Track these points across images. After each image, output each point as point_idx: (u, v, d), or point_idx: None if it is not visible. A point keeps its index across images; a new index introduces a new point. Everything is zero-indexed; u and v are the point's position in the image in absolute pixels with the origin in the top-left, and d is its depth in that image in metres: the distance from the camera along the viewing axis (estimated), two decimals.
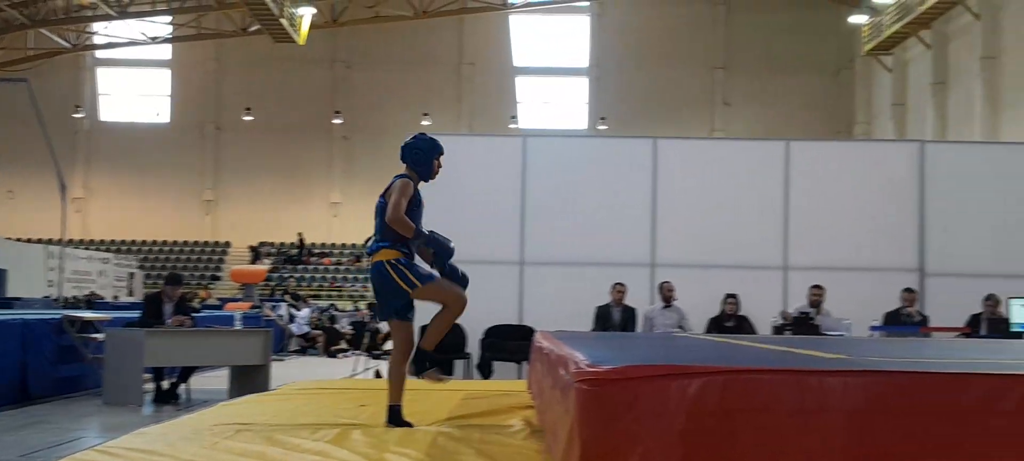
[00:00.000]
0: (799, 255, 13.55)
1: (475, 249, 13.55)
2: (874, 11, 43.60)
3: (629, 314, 13.23)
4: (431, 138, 7.07)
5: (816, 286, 12.91)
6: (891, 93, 44.02)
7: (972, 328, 12.61)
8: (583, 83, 47.06)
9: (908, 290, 12.97)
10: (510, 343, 12.99)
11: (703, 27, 47.03)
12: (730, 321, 13.06)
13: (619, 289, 13.22)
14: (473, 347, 13.33)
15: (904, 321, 12.74)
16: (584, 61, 46.72)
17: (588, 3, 46.92)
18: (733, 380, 3.64)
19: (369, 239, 7.08)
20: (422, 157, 6.94)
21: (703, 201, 13.66)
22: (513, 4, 46.61)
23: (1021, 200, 13.65)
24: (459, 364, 13.26)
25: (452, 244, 6.79)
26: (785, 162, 13.73)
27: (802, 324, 12.29)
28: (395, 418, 6.80)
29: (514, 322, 13.36)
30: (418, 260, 6.80)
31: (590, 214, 13.65)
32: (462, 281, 6.82)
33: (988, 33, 35.94)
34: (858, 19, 45.53)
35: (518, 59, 47.29)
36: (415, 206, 6.78)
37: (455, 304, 6.78)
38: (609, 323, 13.08)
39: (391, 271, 6.67)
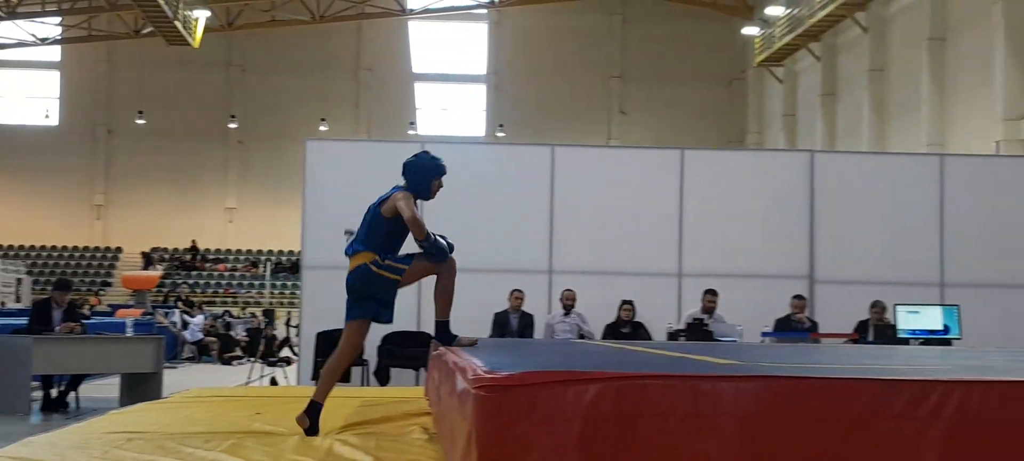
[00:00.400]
0: (693, 262, 13.75)
1: None
2: (766, 23, 44.44)
3: (527, 320, 13.28)
4: (434, 157, 6.94)
5: (710, 292, 13.11)
6: (782, 103, 44.92)
7: (860, 334, 12.91)
8: (481, 90, 47.17)
9: (798, 297, 13.23)
10: (408, 350, 12.94)
11: (600, 37, 47.47)
12: (626, 327, 13.20)
13: (517, 296, 13.27)
14: (370, 354, 13.26)
15: (794, 327, 12.99)
16: (482, 68, 46.83)
17: (486, 11, 47.04)
18: (629, 386, 3.68)
19: (348, 233, 6.98)
20: (421, 176, 6.83)
21: (600, 208, 13.79)
22: (412, 10, 46.52)
23: (907, 208, 14.02)
24: (356, 371, 13.18)
25: (452, 249, 6.85)
26: (680, 170, 13.93)
27: (696, 330, 12.46)
28: (313, 415, 6.70)
29: (412, 329, 13.32)
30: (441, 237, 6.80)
31: (488, 221, 13.68)
32: (447, 251, 6.82)
33: (875, 47, 36.87)
34: (750, 31, 46.37)
35: (417, 65, 47.22)
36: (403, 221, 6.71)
37: (445, 269, 6.83)
38: (507, 330, 13.12)
39: (376, 270, 6.66)
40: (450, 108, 47.09)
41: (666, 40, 47.10)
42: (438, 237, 6.80)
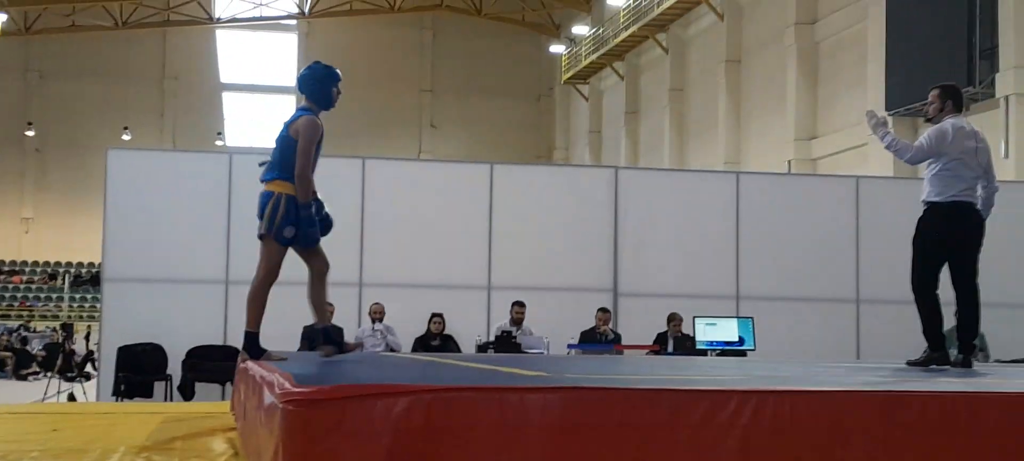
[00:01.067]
0: (502, 275, 13.90)
1: (177, 267, 13.20)
2: (572, 42, 45.29)
3: (337, 334, 13.16)
4: (326, 65, 6.97)
5: (517, 303, 13.29)
6: (588, 120, 45.83)
7: (660, 346, 13.30)
8: (292, 101, 46.55)
9: (603, 310, 13.53)
10: (214, 364, 12.68)
11: (411, 50, 47.51)
12: (436, 340, 13.25)
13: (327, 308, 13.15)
14: (174, 368, 12.94)
15: (599, 339, 13.29)
16: (292, 80, 46.23)
17: (295, 22, 46.50)
18: (438, 398, 3.71)
19: (263, 163, 6.79)
20: (319, 86, 6.84)
21: (410, 221, 13.81)
22: (218, 19, 45.60)
23: (705, 223, 14.51)
24: (159, 386, 12.84)
25: (323, 215, 6.82)
26: (489, 184, 14.08)
27: (504, 342, 12.61)
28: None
29: (218, 342, 13.06)
30: (316, 223, 6.72)
31: None
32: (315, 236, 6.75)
33: (676, 67, 38.02)
34: (557, 49, 47.17)
35: (225, 75, 46.29)
36: (317, 144, 6.68)
37: (264, 275, 6.79)
38: (316, 343, 12.97)
39: (272, 205, 6.53)
40: (260, 119, 46.32)
41: (476, 55, 47.49)
42: (317, 212, 6.71)
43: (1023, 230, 14.53)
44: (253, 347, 6.78)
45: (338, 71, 7.05)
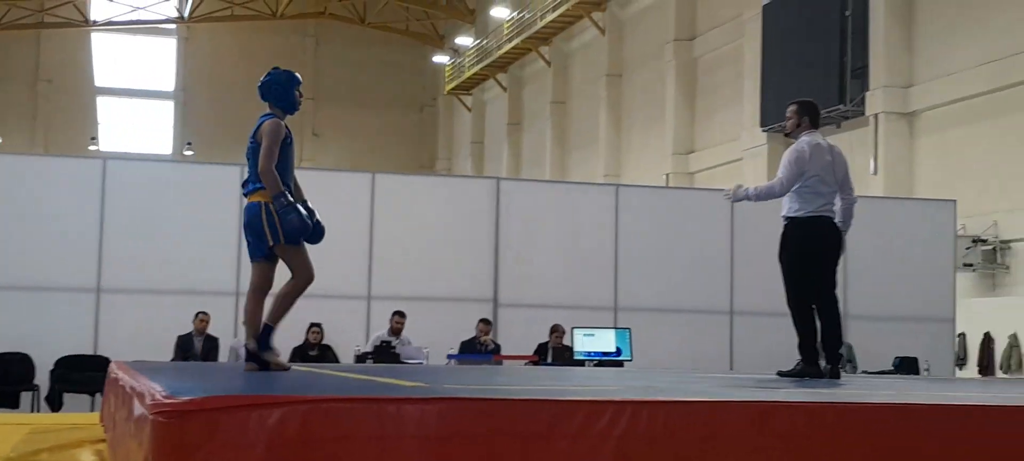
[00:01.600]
0: (383, 284, 13.83)
1: (46, 275, 12.84)
2: (456, 53, 45.38)
3: (212, 344, 12.96)
4: (286, 70, 7.04)
5: (397, 313, 13.23)
6: (471, 131, 45.94)
7: (540, 356, 13.37)
8: (169, 107, 45.71)
9: (484, 321, 13.56)
10: (83, 374, 12.35)
11: (293, 57, 47.00)
12: (314, 350, 13.12)
13: (202, 318, 12.94)
14: (42, 378, 12.57)
15: (479, 350, 13.31)
16: (170, 85, 45.41)
17: (174, 26, 45.68)
18: (314, 409, 3.67)
19: (246, 181, 6.78)
20: (282, 91, 6.89)
21: None
22: (94, 21, 44.55)
23: (585, 235, 14.64)
24: (25, 397, 12.47)
25: (314, 222, 6.82)
26: (371, 194, 14.00)
27: (383, 352, 12.54)
28: (265, 338, 6.68)
29: (89, 352, 12.73)
30: (299, 210, 6.72)
31: (173, 241, 13.27)
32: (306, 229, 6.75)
33: (558, 80, 38.36)
34: (441, 60, 47.20)
35: (100, 79, 45.23)
36: (285, 145, 6.69)
37: (302, 278, 6.77)
38: (190, 353, 12.76)
39: (264, 214, 6.58)
40: (136, 124, 45.37)
41: (359, 64, 47.25)
42: (303, 208, 6.78)
43: (891, 244, 14.98)
44: (266, 339, 6.78)
45: (298, 75, 7.10)
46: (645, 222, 14.75)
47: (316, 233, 6.91)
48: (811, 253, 7.59)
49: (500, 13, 41.32)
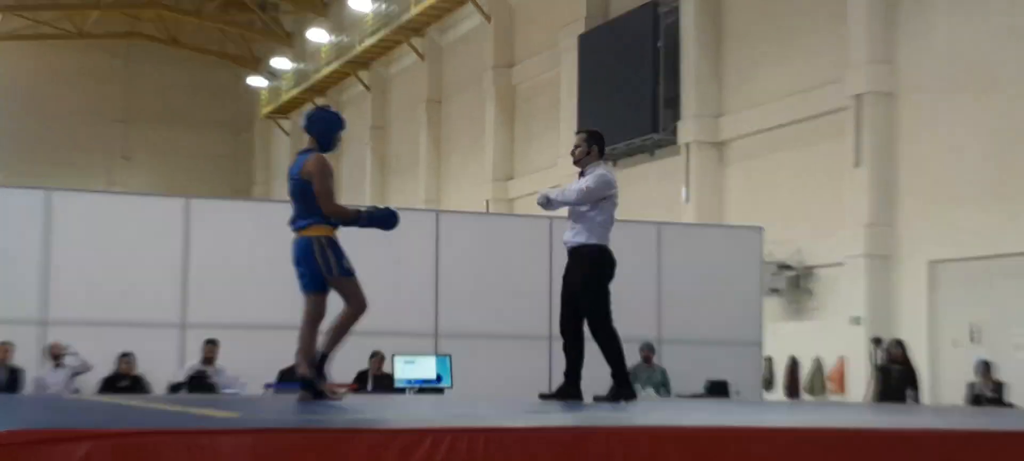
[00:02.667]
0: (198, 312, 13.47)
1: None
2: (273, 76, 44.82)
3: (15, 375, 12.42)
4: (337, 112, 7.41)
5: (209, 341, 12.93)
6: (289, 155, 45.34)
7: (360, 384, 13.26)
8: None
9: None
10: None
11: (102, 78, 45.66)
12: (124, 381, 12.71)
13: (5, 348, 12.41)
14: None
15: (297, 379, 13.08)
16: None
17: None
18: (122, 443, 3.57)
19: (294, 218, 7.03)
20: (327, 129, 7.17)
21: (100, 256, 13.17)
22: None
23: (406, 261, 14.56)
24: None
25: (395, 214, 7.24)
26: (185, 219, 13.65)
27: (198, 382, 12.24)
28: (311, 385, 6.97)
29: None
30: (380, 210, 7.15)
31: None
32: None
33: (378, 105, 38.31)
34: (257, 82, 46.55)
35: None
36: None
37: (358, 306, 7.12)
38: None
39: (317, 248, 6.92)
40: None
41: (172, 86, 46.16)
42: (378, 214, 7.24)
43: (702, 269, 15.41)
44: (320, 368, 7.22)
45: (345, 120, 7.45)
46: (466, 247, 14.81)
47: (393, 218, 7.37)
48: (607, 281, 7.70)
49: (318, 36, 41.00)
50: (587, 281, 7.70)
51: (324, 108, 7.44)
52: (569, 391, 7.67)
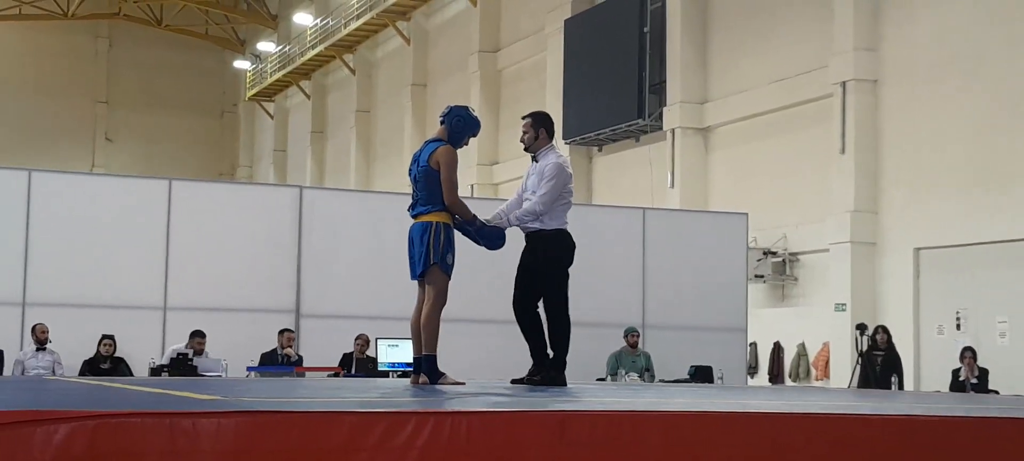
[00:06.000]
0: (180, 295, 13.42)
1: None
2: (257, 58, 44.65)
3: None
4: (476, 116, 7.45)
5: (197, 334, 12.82)
6: (273, 138, 45.25)
7: (344, 368, 13.23)
8: None
9: (286, 331, 13.32)
10: None
11: (84, 59, 45.43)
12: (106, 363, 12.66)
13: None
14: None
15: (281, 361, 13.08)
16: None
17: None
18: (103, 424, 3.53)
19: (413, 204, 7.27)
20: (462, 127, 7.27)
21: (81, 238, 13.10)
22: None
23: (389, 245, 14.55)
24: None
25: (503, 237, 7.38)
26: (167, 201, 13.57)
27: (180, 365, 12.18)
28: (432, 370, 7.02)
29: None
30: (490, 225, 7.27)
31: None
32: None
33: (363, 88, 38.19)
34: (242, 64, 46.36)
35: None
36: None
37: (442, 300, 7.25)
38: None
39: (433, 231, 7.08)
40: None
41: (155, 68, 45.96)
42: (488, 231, 7.33)
43: (687, 255, 15.41)
44: (433, 371, 7.14)
45: (480, 124, 7.54)
46: None
47: (501, 240, 7.53)
48: (566, 265, 7.58)
49: (303, 19, 40.85)
50: (547, 265, 7.59)
51: (466, 107, 7.47)
52: (541, 374, 7.61)
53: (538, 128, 7.73)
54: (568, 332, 7.68)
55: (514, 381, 7.70)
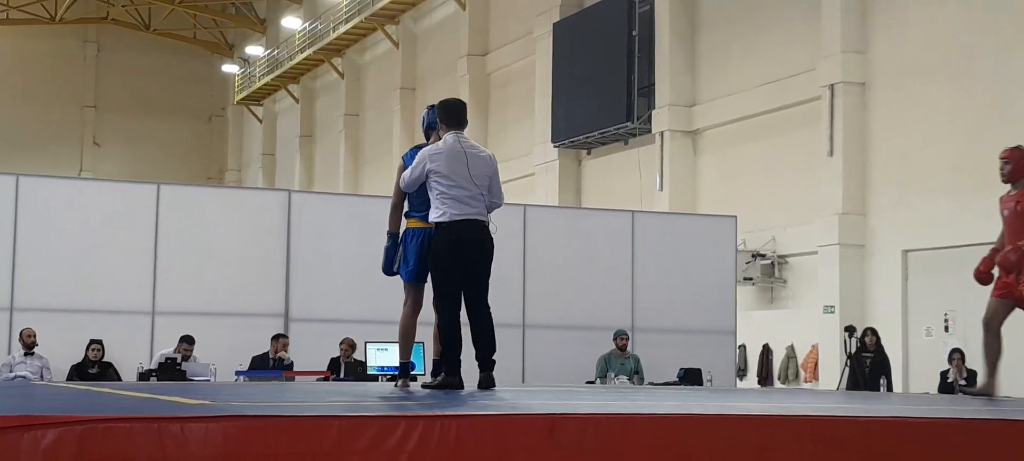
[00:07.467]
0: (168, 300, 13.39)
1: None
2: (246, 62, 44.60)
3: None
4: (432, 106, 7.52)
5: (186, 340, 12.78)
6: (262, 142, 45.17)
7: (333, 372, 13.20)
8: None
9: (279, 336, 13.28)
10: None
11: (73, 64, 45.33)
12: (94, 368, 12.62)
13: None
14: None
15: (272, 366, 13.04)
16: None
17: None
18: (91, 429, 3.52)
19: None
20: (426, 130, 7.51)
21: (69, 242, 13.06)
22: None
23: (378, 249, 14.51)
24: None
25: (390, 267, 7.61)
26: (156, 206, 13.54)
27: (169, 369, 12.15)
28: (404, 375, 7.43)
29: None
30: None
31: None
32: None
33: (352, 92, 38.16)
34: (230, 69, 46.29)
35: None
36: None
37: (410, 307, 7.63)
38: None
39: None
40: None
41: (144, 72, 45.87)
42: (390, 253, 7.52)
43: (676, 258, 15.42)
44: (404, 375, 7.67)
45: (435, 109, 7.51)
46: None
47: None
48: (444, 259, 7.28)
49: (292, 23, 40.80)
50: (429, 257, 7.40)
51: (431, 108, 7.60)
52: (452, 381, 7.48)
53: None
54: (448, 331, 7.47)
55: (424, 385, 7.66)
